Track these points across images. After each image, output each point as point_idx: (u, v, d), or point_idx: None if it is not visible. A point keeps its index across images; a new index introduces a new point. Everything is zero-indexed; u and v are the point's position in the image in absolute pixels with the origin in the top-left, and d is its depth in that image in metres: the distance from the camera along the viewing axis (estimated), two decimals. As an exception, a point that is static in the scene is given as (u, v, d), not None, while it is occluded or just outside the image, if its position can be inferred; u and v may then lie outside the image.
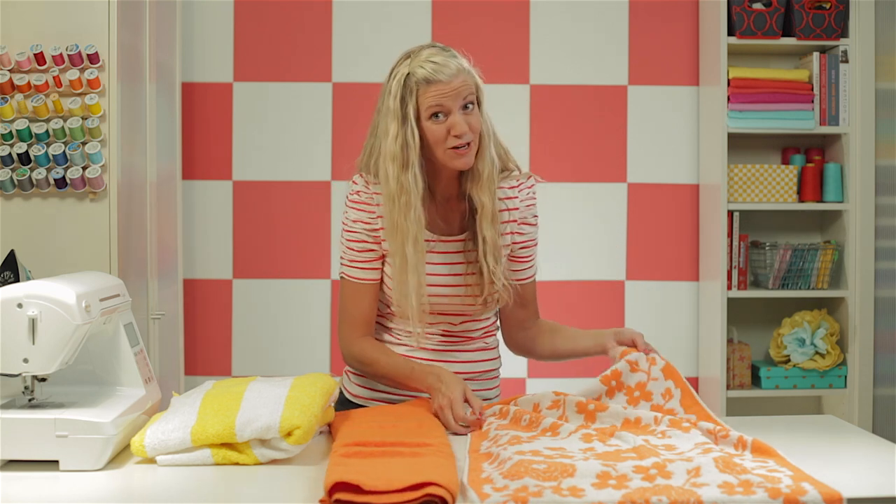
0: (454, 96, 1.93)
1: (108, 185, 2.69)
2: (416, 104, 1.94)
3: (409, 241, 1.95)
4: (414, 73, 1.93)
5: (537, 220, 2.13)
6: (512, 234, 2.08)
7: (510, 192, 2.07)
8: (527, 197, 2.09)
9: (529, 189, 2.10)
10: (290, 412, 1.65)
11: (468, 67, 1.98)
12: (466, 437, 1.79)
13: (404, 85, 1.94)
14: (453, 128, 1.93)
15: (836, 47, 3.51)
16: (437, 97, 1.92)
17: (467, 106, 1.95)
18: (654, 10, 3.69)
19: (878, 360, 3.48)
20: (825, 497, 1.41)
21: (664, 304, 3.71)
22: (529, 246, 2.12)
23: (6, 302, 1.63)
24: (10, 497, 1.47)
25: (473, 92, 1.97)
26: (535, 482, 1.43)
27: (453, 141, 1.94)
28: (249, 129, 3.65)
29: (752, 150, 3.68)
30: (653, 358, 1.91)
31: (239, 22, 3.64)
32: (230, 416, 1.65)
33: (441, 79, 1.92)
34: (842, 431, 1.89)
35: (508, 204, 2.06)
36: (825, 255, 3.52)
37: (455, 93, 1.93)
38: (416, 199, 1.95)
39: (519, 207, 2.08)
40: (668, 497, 1.39)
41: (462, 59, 1.98)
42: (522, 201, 2.08)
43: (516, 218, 2.08)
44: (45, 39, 2.67)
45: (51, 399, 1.73)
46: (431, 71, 1.92)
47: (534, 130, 3.66)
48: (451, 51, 1.99)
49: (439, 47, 1.99)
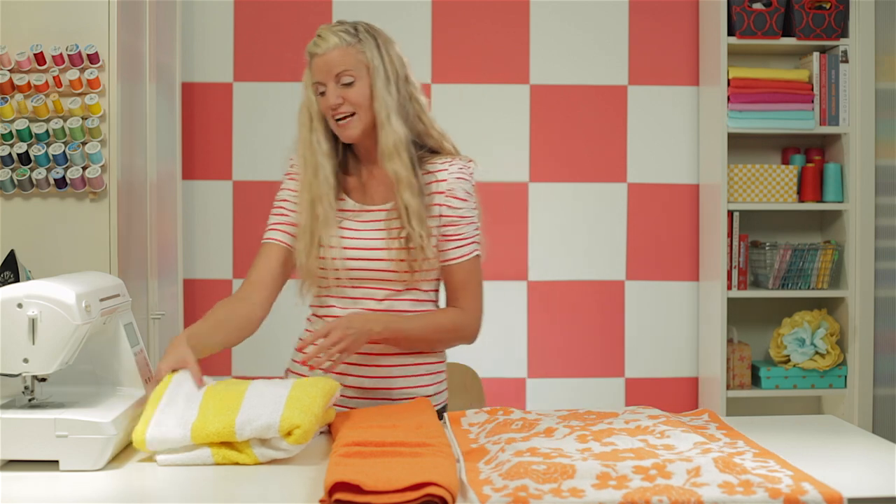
0: (326, 70, 2.02)
1: (108, 185, 2.69)
2: (311, 78, 2.05)
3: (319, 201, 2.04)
4: (307, 48, 2.06)
5: (470, 197, 2.10)
6: (440, 205, 2.07)
7: (441, 166, 2.09)
8: (458, 171, 2.09)
9: (463, 167, 2.10)
10: (291, 412, 1.65)
11: (355, 42, 2.02)
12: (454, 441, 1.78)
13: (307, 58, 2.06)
14: (327, 101, 2.03)
15: (836, 47, 3.51)
16: (314, 72, 2.03)
17: (344, 80, 2.01)
18: (654, 10, 3.69)
19: (878, 360, 3.48)
20: (825, 497, 1.41)
21: (664, 304, 3.71)
22: (458, 223, 2.09)
23: (6, 302, 1.63)
24: (10, 497, 1.47)
25: (352, 67, 2.01)
26: (535, 484, 1.43)
27: (330, 113, 2.03)
28: (249, 129, 3.65)
29: (752, 150, 3.68)
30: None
31: (239, 22, 3.64)
32: (230, 415, 1.65)
33: (317, 52, 2.03)
34: (842, 431, 1.90)
35: (438, 176, 2.08)
36: (825, 255, 3.52)
37: (326, 67, 2.01)
38: (324, 159, 2.05)
39: (448, 179, 2.08)
40: (668, 497, 1.40)
41: (353, 36, 2.03)
42: (452, 174, 2.08)
43: (444, 190, 2.07)
44: (45, 39, 2.66)
45: (51, 399, 1.73)
46: (312, 44, 2.04)
47: (534, 130, 3.66)
48: (350, 25, 2.05)
49: (340, 22, 2.06)
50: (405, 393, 2.08)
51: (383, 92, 2.02)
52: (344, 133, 2.03)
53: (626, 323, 3.70)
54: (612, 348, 3.70)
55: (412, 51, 3.61)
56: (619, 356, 3.70)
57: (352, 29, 2.03)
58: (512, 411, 1.91)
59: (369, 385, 2.07)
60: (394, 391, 2.07)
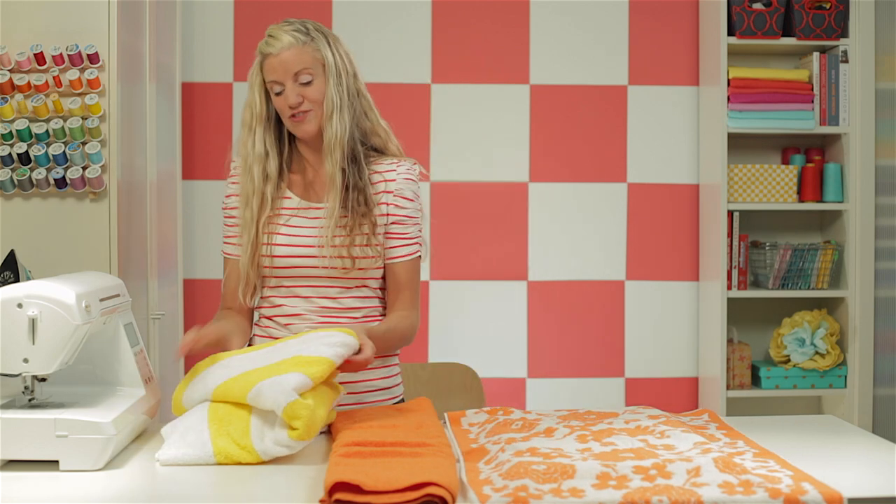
0: (283, 70, 2.04)
1: (108, 185, 2.69)
2: (262, 78, 2.07)
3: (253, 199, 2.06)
4: (259, 48, 2.08)
5: (416, 198, 2.13)
6: (388, 204, 2.10)
7: (389, 167, 2.12)
8: (405, 171, 2.13)
9: (410, 168, 2.14)
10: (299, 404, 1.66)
11: (309, 40, 2.07)
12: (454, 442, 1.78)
13: (256, 61, 2.09)
14: (286, 100, 2.04)
15: (836, 47, 3.51)
16: (270, 71, 2.04)
17: (303, 78, 2.04)
18: (654, 10, 3.69)
19: (878, 360, 3.48)
20: (826, 497, 1.41)
21: (664, 304, 3.71)
22: (405, 223, 2.11)
23: (6, 302, 1.63)
24: (10, 497, 1.47)
25: (310, 66, 2.05)
26: (535, 484, 1.43)
27: (288, 111, 2.05)
28: (249, 129, 3.64)
29: (752, 150, 3.68)
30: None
31: (239, 22, 3.64)
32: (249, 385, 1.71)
33: (271, 52, 2.05)
34: (842, 431, 1.90)
35: (386, 176, 2.11)
36: (825, 255, 3.52)
37: (283, 66, 2.04)
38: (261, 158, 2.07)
39: (396, 180, 2.11)
40: (668, 497, 1.40)
41: (306, 35, 2.07)
42: (400, 174, 2.12)
43: (392, 189, 2.10)
44: (45, 39, 2.66)
45: (51, 399, 1.73)
46: (264, 44, 2.07)
47: (534, 130, 3.66)
48: (301, 24, 2.09)
49: (288, 22, 2.10)
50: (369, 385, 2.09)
51: (333, 89, 2.06)
52: (301, 128, 2.06)
53: (626, 323, 3.70)
54: (612, 348, 3.70)
55: (412, 51, 3.63)
56: (619, 356, 3.70)
57: (303, 28, 2.08)
58: (512, 411, 1.91)
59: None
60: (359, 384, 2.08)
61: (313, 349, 1.76)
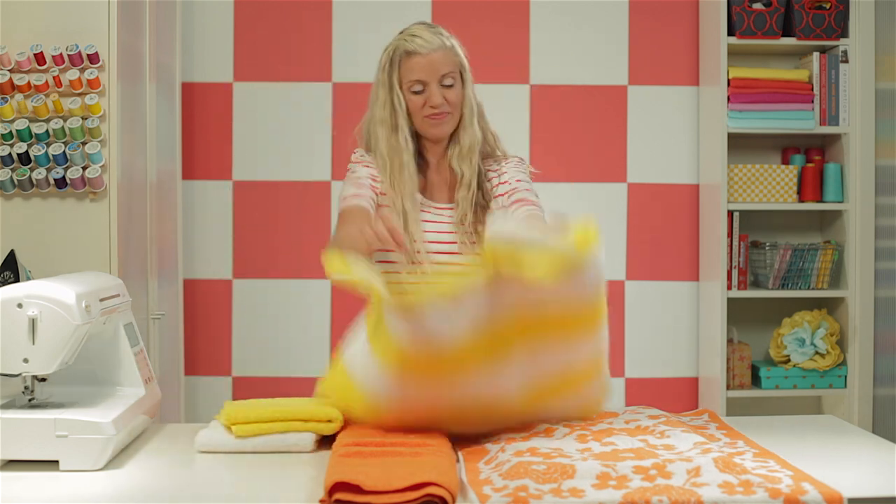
0: (431, 70, 2.08)
1: (108, 185, 2.69)
2: (399, 74, 2.11)
3: (406, 198, 2.08)
4: (399, 46, 2.11)
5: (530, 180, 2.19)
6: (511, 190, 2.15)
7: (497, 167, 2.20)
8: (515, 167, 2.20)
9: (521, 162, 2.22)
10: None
11: (451, 45, 2.13)
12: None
13: (391, 57, 2.12)
14: (429, 99, 2.08)
15: (836, 47, 3.51)
16: (415, 70, 2.08)
17: (447, 81, 2.09)
18: (654, 10, 3.69)
19: (878, 360, 3.48)
20: (826, 497, 1.41)
21: (664, 304, 3.71)
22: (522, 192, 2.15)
23: (6, 302, 1.63)
24: (10, 497, 1.47)
25: (453, 69, 2.11)
26: (535, 484, 1.43)
27: (428, 110, 2.09)
28: (249, 129, 3.65)
29: (752, 150, 3.68)
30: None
31: (239, 22, 3.64)
32: None
33: (420, 52, 2.09)
34: (842, 431, 1.90)
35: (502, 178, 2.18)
36: (825, 255, 3.52)
37: (432, 67, 2.08)
38: (409, 158, 2.10)
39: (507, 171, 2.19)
40: (668, 497, 1.39)
41: (447, 38, 2.13)
42: (508, 163, 2.20)
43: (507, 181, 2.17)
44: (45, 39, 2.66)
45: (51, 399, 1.73)
46: (412, 45, 2.09)
47: (534, 130, 3.66)
48: (438, 28, 2.15)
49: (427, 24, 2.16)
50: None
51: (471, 95, 2.15)
52: (436, 130, 2.11)
53: (626, 323, 3.70)
54: (613, 348, 3.66)
55: (412, 51, 3.63)
56: (619, 356, 3.69)
57: (443, 32, 2.14)
58: None
59: None
60: None
61: None
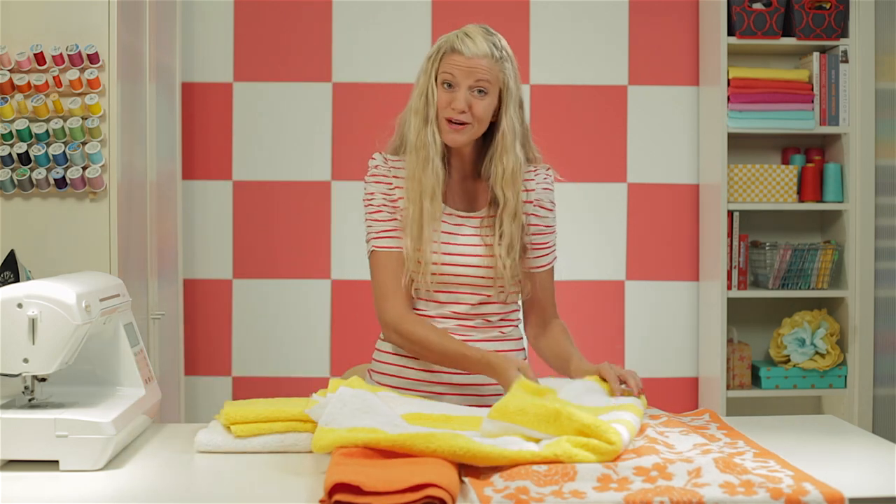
0: (467, 72, 2.00)
1: (108, 185, 2.68)
2: (438, 67, 2.03)
3: (426, 195, 2.01)
4: (448, 39, 2.03)
5: (554, 207, 2.15)
6: (528, 215, 2.10)
7: (527, 175, 2.11)
8: (543, 181, 2.13)
9: (547, 174, 2.15)
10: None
11: (500, 58, 2.03)
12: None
13: (439, 48, 2.04)
14: (453, 101, 2.00)
15: (836, 47, 3.51)
16: (452, 67, 2.00)
17: (480, 90, 2.00)
18: (654, 10, 3.69)
19: (878, 360, 3.48)
20: (827, 497, 1.41)
21: (664, 304, 3.71)
22: (546, 232, 2.13)
23: (6, 302, 1.63)
24: (10, 497, 1.47)
25: (491, 80, 2.01)
26: (536, 487, 1.43)
27: (449, 112, 2.01)
28: (249, 129, 3.65)
29: (752, 150, 3.68)
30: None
31: (239, 22, 3.64)
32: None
33: (463, 51, 2.00)
34: (842, 431, 1.89)
35: (527, 185, 2.10)
36: (825, 255, 3.51)
37: (469, 69, 1.99)
38: (435, 154, 2.02)
39: (535, 189, 2.12)
40: (670, 498, 1.39)
41: (499, 50, 2.04)
42: (539, 184, 2.13)
43: (533, 199, 2.11)
44: (45, 39, 2.66)
45: (51, 399, 1.73)
46: (460, 43, 2.01)
47: (534, 130, 3.62)
48: (496, 38, 2.06)
49: (485, 29, 2.07)
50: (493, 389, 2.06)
51: (513, 116, 2.05)
52: (452, 137, 2.02)
53: (626, 323, 3.70)
54: (613, 348, 3.70)
55: (412, 51, 3.63)
56: (620, 356, 3.69)
57: (498, 43, 2.05)
58: None
59: (459, 381, 2.07)
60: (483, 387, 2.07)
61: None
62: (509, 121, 2.04)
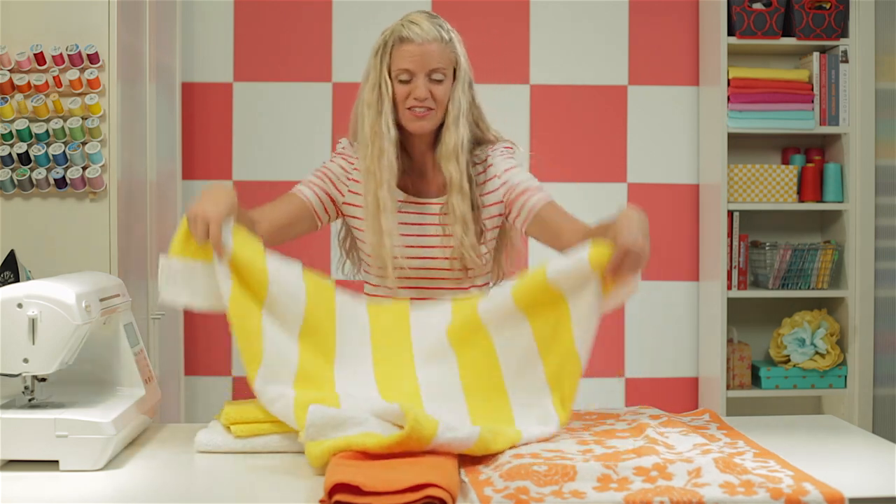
0: (421, 61, 2.01)
1: (108, 185, 2.69)
2: (389, 60, 2.03)
3: (382, 186, 2.01)
4: (395, 30, 2.03)
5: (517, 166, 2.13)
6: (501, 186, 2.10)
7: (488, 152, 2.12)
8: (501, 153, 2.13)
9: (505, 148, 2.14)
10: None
11: (449, 39, 2.05)
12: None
13: (386, 40, 2.04)
14: (414, 91, 2.01)
15: (836, 47, 3.51)
16: (405, 59, 2.00)
17: (436, 76, 2.02)
18: (654, 10, 3.69)
19: (878, 360, 3.48)
20: (827, 497, 1.41)
21: (664, 304, 3.70)
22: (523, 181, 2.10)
23: (6, 302, 1.63)
24: (10, 497, 1.47)
25: (446, 65, 2.03)
26: (536, 487, 1.43)
27: (412, 101, 2.01)
28: (249, 129, 3.65)
29: (752, 150, 3.68)
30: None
31: (239, 22, 3.64)
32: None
33: (413, 39, 2.01)
34: (842, 431, 1.89)
35: (486, 163, 2.11)
36: (825, 255, 3.52)
37: (423, 58, 2.01)
38: (389, 145, 2.02)
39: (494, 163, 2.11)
40: (670, 498, 1.39)
41: (446, 31, 2.05)
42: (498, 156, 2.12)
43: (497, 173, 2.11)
44: (45, 39, 2.66)
45: (51, 399, 1.73)
46: (408, 31, 2.01)
47: (534, 130, 3.66)
48: (440, 20, 2.06)
49: (428, 14, 2.07)
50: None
51: (459, 94, 2.05)
52: (417, 124, 2.03)
53: (626, 323, 3.70)
54: (612, 348, 3.70)
55: (412, 51, 3.63)
56: (619, 356, 3.69)
57: (444, 25, 2.06)
58: None
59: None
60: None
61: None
62: (455, 98, 2.05)
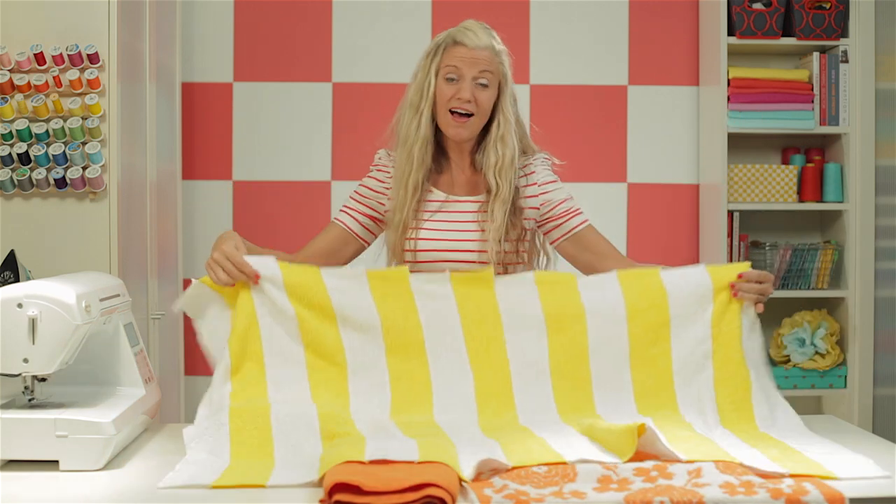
0: (471, 64, 2.05)
1: (108, 185, 2.68)
2: (439, 61, 2.07)
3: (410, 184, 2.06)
4: (450, 34, 2.09)
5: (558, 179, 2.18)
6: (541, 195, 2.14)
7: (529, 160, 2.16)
8: (542, 163, 2.17)
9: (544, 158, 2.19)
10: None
11: (500, 51, 2.10)
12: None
13: (439, 43, 2.09)
14: (459, 91, 2.04)
15: (836, 47, 3.50)
16: (455, 58, 2.05)
17: (482, 82, 2.05)
18: (654, 10, 3.68)
19: (878, 360, 3.47)
20: (827, 497, 1.41)
21: (664, 304, 3.70)
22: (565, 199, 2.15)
23: (6, 302, 1.63)
24: (10, 497, 1.47)
25: (493, 72, 2.07)
26: (535, 489, 1.43)
27: (455, 102, 2.05)
28: (249, 129, 3.64)
29: (752, 150, 3.68)
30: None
31: (239, 22, 3.64)
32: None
33: (466, 43, 2.06)
34: (842, 431, 1.90)
35: (526, 170, 2.15)
36: (825, 255, 3.51)
37: (473, 61, 2.05)
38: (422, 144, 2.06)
39: (536, 171, 2.15)
40: (670, 498, 1.39)
41: (498, 43, 2.11)
42: (539, 165, 2.16)
43: (537, 181, 2.14)
44: (45, 39, 2.66)
45: (51, 399, 1.73)
46: (462, 35, 2.06)
47: (534, 130, 3.65)
48: (493, 32, 2.12)
49: (483, 25, 2.13)
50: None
51: (508, 107, 2.10)
52: (457, 130, 2.07)
53: (626, 323, 3.69)
54: (612, 348, 3.69)
55: (412, 51, 3.60)
56: (619, 356, 3.69)
57: (497, 38, 2.11)
58: None
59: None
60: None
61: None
62: (505, 111, 2.09)
